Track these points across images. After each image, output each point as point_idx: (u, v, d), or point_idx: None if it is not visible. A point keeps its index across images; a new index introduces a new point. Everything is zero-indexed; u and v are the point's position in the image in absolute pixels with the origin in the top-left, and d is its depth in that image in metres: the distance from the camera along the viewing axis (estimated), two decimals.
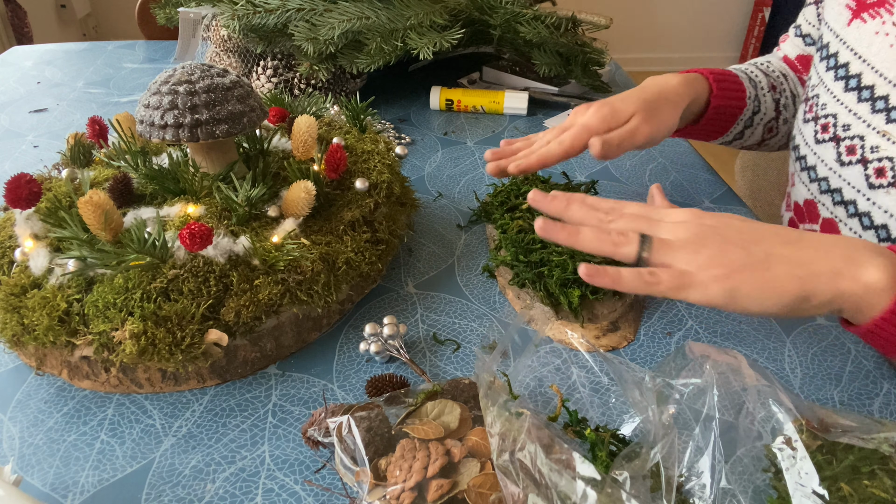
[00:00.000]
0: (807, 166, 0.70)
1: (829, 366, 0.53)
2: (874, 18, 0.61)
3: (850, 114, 0.63)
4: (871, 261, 0.45)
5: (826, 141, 0.66)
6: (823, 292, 0.45)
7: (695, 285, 0.46)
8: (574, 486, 0.34)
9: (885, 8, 0.60)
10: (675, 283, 0.47)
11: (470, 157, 0.87)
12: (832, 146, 0.65)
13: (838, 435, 0.37)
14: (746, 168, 1.12)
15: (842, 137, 0.63)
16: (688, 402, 0.40)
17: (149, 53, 1.25)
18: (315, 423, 0.44)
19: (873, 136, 0.60)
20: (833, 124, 0.64)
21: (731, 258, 0.47)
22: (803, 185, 0.72)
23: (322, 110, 0.72)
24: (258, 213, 0.54)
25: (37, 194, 0.52)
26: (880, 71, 0.59)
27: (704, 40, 3.62)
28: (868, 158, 0.61)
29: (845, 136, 0.63)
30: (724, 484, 0.36)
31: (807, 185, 0.71)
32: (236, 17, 0.86)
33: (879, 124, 0.60)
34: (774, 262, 0.46)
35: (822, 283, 0.45)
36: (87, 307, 0.47)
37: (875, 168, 0.60)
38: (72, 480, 0.44)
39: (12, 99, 1.04)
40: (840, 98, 0.64)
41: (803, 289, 0.45)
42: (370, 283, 0.60)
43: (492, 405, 0.39)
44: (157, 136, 0.52)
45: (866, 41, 0.61)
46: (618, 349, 0.55)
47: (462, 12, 0.91)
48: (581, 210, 0.53)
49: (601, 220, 0.52)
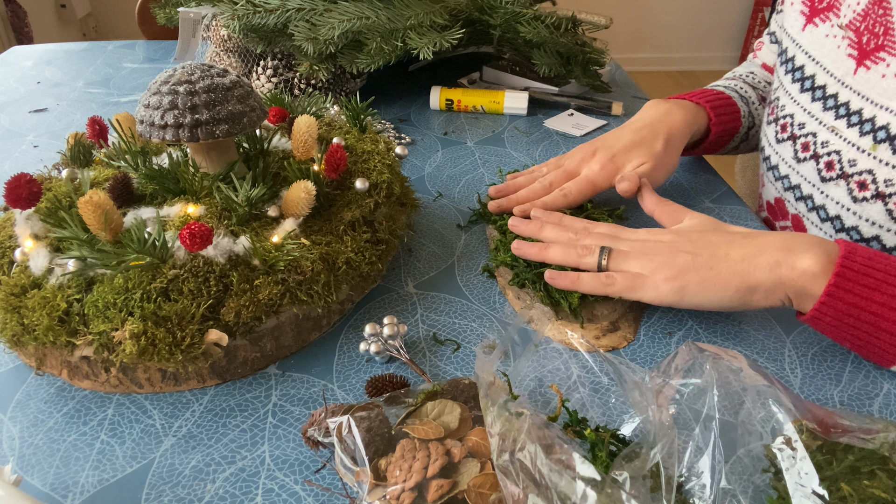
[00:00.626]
0: (771, 166, 0.74)
1: (829, 366, 0.53)
2: (824, 22, 0.65)
3: (805, 112, 0.67)
4: (808, 250, 0.49)
5: (785, 140, 0.70)
6: (765, 282, 0.50)
7: (647, 286, 0.53)
8: (574, 486, 0.34)
9: (833, 12, 0.64)
10: (628, 283, 0.54)
11: (470, 157, 0.87)
12: (790, 144, 0.69)
13: (838, 435, 0.37)
14: (746, 168, 1.12)
15: (798, 136, 0.68)
16: (688, 402, 0.40)
17: (149, 53, 1.25)
18: (315, 423, 0.44)
19: (824, 132, 0.64)
20: (790, 123, 0.69)
21: (679, 262, 0.53)
22: (770, 183, 0.75)
23: (322, 110, 0.72)
24: (258, 213, 0.54)
25: (37, 194, 0.52)
26: (831, 71, 0.64)
27: (704, 40, 3.62)
28: (819, 153, 0.65)
29: (800, 133, 0.68)
30: (724, 484, 0.36)
31: (773, 183, 0.75)
32: (236, 16, 0.86)
33: (829, 121, 0.64)
34: (718, 261, 0.52)
35: (761, 274, 0.50)
36: (87, 307, 0.47)
37: (825, 162, 0.65)
38: (72, 480, 0.44)
39: (12, 99, 1.04)
40: (796, 99, 0.68)
41: (745, 281, 0.51)
42: (370, 283, 0.60)
43: (492, 405, 0.39)
44: (157, 136, 0.52)
45: (818, 44, 0.66)
46: (618, 349, 0.55)
47: (462, 12, 0.91)
48: (554, 231, 0.61)
49: (571, 238, 0.60)
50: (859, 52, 0.60)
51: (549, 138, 0.92)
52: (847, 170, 0.62)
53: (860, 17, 0.60)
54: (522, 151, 0.89)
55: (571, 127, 0.95)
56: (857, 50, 0.61)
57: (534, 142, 0.91)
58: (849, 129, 0.62)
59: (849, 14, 0.62)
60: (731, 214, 0.75)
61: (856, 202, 0.62)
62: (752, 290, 0.51)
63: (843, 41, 0.62)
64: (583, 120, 0.97)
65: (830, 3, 0.64)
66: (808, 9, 0.68)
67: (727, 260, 0.52)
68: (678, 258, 0.53)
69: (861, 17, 0.60)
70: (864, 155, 0.60)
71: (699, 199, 0.78)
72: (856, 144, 0.61)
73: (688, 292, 0.52)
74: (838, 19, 0.63)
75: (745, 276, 0.51)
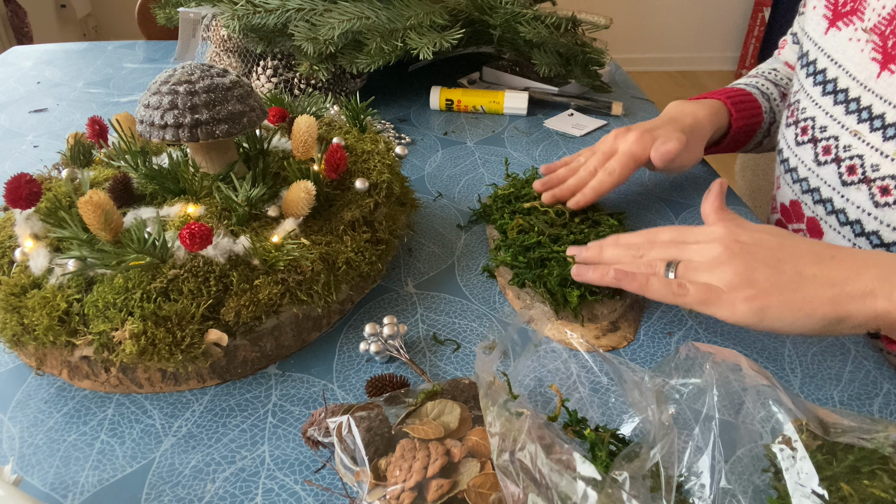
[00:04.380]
0: (789, 168, 0.73)
1: (829, 366, 0.53)
2: (848, 26, 0.64)
3: (827, 116, 0.66)
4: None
5: (805, 143, 0.69)
6: (857, 314, 0.45)
7: (722, 303, 0.47)
8: (575, 486, 0.34)
9: (857, 16, 0.63)
10: (701, 296, 0.48)
11: (470, 157, 0.87)
12: (810, 147, 0.68)
13: (838, 435, 0.37)
14: (746, 168, 1.12)
15: (819, 139, 0.67)
16: (688, 402, 0.40)
17: (149, 53, 1.25)
18: (315, 423, 0.44)
19: (846, 136, 0.63)
20: (811, 126, 0.68)
21: (759, 277, 0.47)
22: (787, 186, 0.74)
23: (322, 110, 0.72)
24: (258, 213, 0.54)
25: (37, 194, 0.52)
26: (853, 74, 0.63)
27: (704, 40, 3.62)
28: (841, 157, 0.64)
29: (822, 137, 0.66)
30: (724, 484, 0.36)
31: (790, 185, 0.74)
32: (236, 16, 0.86)
33: (851, 124, 0.63)
34: (805, 282, 0.46)
35: (855, 305, 0.45)
36: (87, 307, 0.47)
37: (847, 166, 0.63)
38: (72, 480, 0.44)
39: (12, 99, 1.04)
40: (818, 102, 0.67)
41: (835, 311, 0.45)
42: (370, 283, 0.60)
43: (492, 405, 0.39)
44: (157, 136, 0.52)
45: (841, 48, 0.65)
46: (618, 349, 0.55)
47: (462, 12, 0.91)
48: (615, 251, 0.56)
49: (633, 255, 0.54)
50: (883, 56, 0.60)
51: (549, 138, 0.92)
52: (870, 174, 0.61)
53: (885, 20, 0.60)
54: (522, 151, 0.89)
55: (571, 127, 0.95)
56: (882, 54, 0.60)
57: (534, 142, 0.91)
58: (871, 133, 0.61)
59: (874, 18, 0.61)
60: None
61: (877, 207, 0.61)
62: (840, 320, 0.45)
63: (868, 45, 0.61)
64: (583, 120, 0.97)
65: (854, 7, 0.64)
66: (830, 13, 0.67)
67: (815, 283, 0.46)
68: (758, 273, 0.47)
69: (887, 21, 0.60)
70: (887, 160, 0.60)
71: (699, 200, 0.78)
72: (879, 149, 0.60)
73: (768, 315, 0.46)
74: (862, 23, 0.62)
75: (836, 305, 0.45)
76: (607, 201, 0.76)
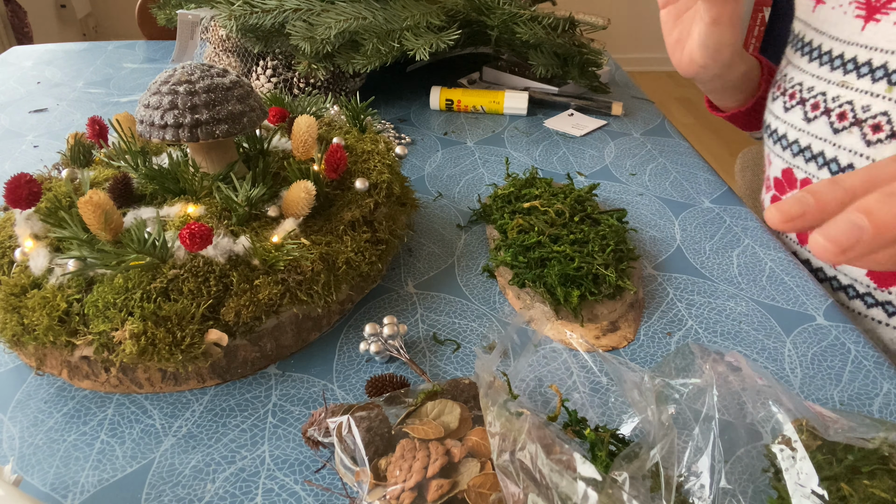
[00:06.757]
0: (778, 137, 0.76)
1: (829, 366, 0.54)
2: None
3: (813, 77, 0.70)
4: None
5: (793, 107, 0.72)
6: None
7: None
8: (575, 486, 0.34)
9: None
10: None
11: (470, 157, 0.87)
12: (799, 108, 0.71)
13: (838, 435, 0.37)
14: (746, 168, 1.12)
15: (807, 98, 0.70)
16: (687, 402, 0.40)
17: (149, 53, 1.25)
18: (315, 423, 0.44)
19: (834, 89, 0.67)
20: (799, 91, 0.72)
21: None
22: (778, 157, 0.77)
23: (322, 110, 0.72)
24: (258, 213, 0.54)
25: (37, 194, 0.52)
26: (836, 36, 0.67)
27: None
28: (830, 108, 0.67)
29: (809, 96, 0.70)
30: (724, 484, 0.36)
31: (780, 154, 0.76)
32: (233, 16, 0.86)
33: (837, 78, 0.66)
34: None
35: None
36: (87, 307, 0.47)
37: (837, 114, 0.66)
38: (72, 480, 0.44)
39: (12, 99, 1.04)
40: (804, 68, 0.72)
41: None
42: (370, 283, 0.60)
43: (492, 405, 0.39)
44: (157, 136, 0.52)
45: (826, 17, 0.69)
46: (617, 349, 0.55)
47: (459, 13, 0.91)
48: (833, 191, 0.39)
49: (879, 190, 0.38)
50: (867, 10, 0.63)
51: (549, 138, 0.92)
52: (860, 115, 0.64)
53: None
54: (522, 151, 0.89)
55: (571, 127, 0.95)
56: (866, 8, 0.63)
57: (534, 142, 0.91)
58: (859, 80, 0.64)
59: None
60: (731, 214, 0.75)
61: (869, 146, 0.63)
62: None
63: (850, 6, 0.65)
64: (583, 120, 0.97)
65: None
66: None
67: None
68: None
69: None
70: (878, 99, 0.62)
71: (699, 199, 0.78)
72: (869, 91, 0.63)
73: None
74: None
75: None
76: (607, 201, 0.76)
